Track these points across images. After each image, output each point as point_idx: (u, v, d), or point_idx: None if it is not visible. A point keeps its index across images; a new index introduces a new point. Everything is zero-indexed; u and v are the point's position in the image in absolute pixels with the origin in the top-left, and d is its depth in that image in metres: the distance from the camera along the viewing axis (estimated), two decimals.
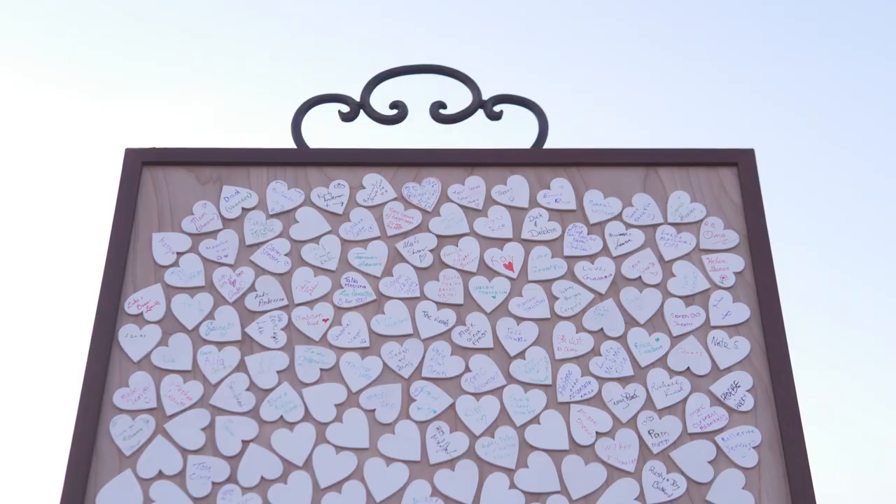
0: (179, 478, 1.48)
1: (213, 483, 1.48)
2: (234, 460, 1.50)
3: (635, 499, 1.47)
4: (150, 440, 1.51)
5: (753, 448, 1.50)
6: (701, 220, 1.70)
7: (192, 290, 1.63)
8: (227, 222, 1.70)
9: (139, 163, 1.73)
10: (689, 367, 1.57)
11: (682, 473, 1.49)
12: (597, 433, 1.52)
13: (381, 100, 1.82)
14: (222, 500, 1.47)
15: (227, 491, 1.47)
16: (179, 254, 1.66)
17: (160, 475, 1.48)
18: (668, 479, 1.48)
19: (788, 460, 1.49)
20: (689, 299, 1.63)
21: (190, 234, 1.68)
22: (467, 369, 1.57)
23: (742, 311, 1.61)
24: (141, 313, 1.61)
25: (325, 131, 1.82)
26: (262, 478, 1.48)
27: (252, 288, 1.64)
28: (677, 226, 1.70)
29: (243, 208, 1.70)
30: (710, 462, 1.50)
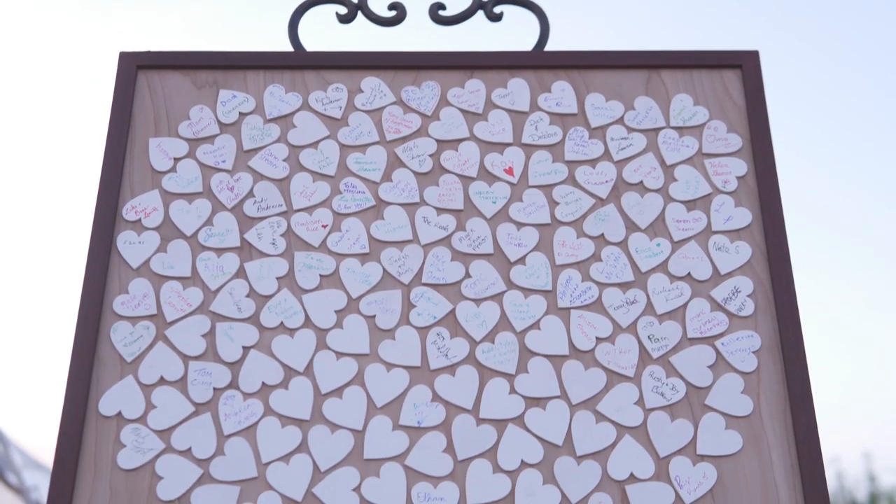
0: (181, 383, 1.49)
1: (215, 389, 1.49)
2: (234, 366, 1.50)
3: (635, 403, 1.48)
4: (150, 346, 1.52)
5: (753, 353, 1.51)
6: (704, 124, 1.68)
7: (189, 196, 1.62)
8: (224, 127, 1.67)
9: (134, 67, 1.70)
10: (689, 273, 1.57)
11: (682, 378, 1.50)
12: (597, 338, 1.52)
13: (379, 1, 1.79)
14: (224, 405, 1.47)
15: (228, 396, 1.48)
16: (177, 159, 1.65)
17: (161, 381, 1.49)
18: (667, 384, 1.49)
19: (787, 365, 1.49)
20: (690, 204, 1.62)
21: (187, 140, 1.66)
22: (467, 275, 1.57)
23: (744, 216, 1.60)
24: (139, 220, 1.60)
25: (322, 34, 1.79)
26: (263, 383, 1.49)
27: (250, 194, 1.62)
28: (680, 129, 1.68)
29: (240, 113, 1.68)
30: (709, 367, 1.50)
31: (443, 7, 1.77)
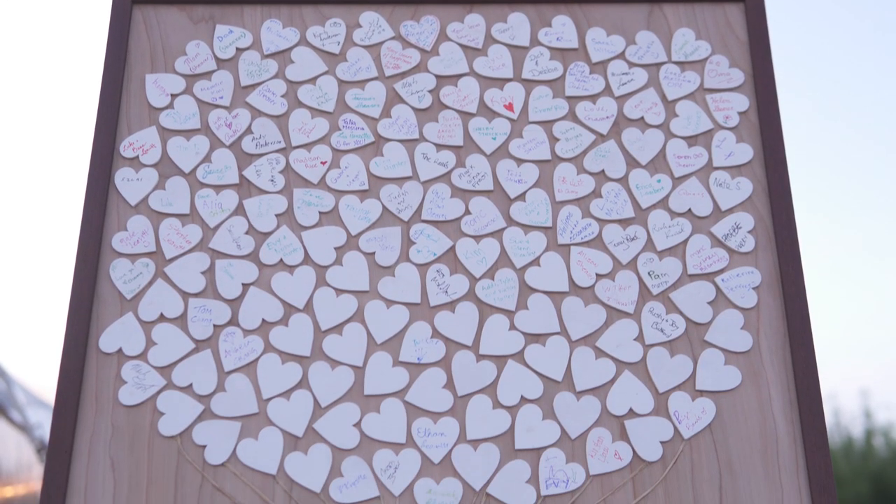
0: (181, 320, 1.49)
1: (215, 325, 1.49)
2: (234, 303, 1.50)
3: (634, 339, 1.49)
4: (150, 283, 1.51)
5: (753, 289, 1.51)
6: (706, 59, 1.66)
7: (187, 133, 1.61)
8: (221, 63, 1.66)
9: (129, 1, 1.68)
10: (690, 209, 1.56)
11: (682, 314, 1.50)
12: (597, 275, 1.52)
13: None
14: (224, 342, 1.48)
15: (228, 333, 1.48)
16: (174, 95, 1.63)
17: (161, 318, 1.49)
18: (667, 320, 1.49)
19: (787, 300, 1.49)
20: (691, 140, 1.61)
21: (184, 76, 1.65)
22: (467, 211, 1.56)
23: (745, 152, 1.59)
24: (137, 156, 1.59)
25: None
26: (263, 320, 1.49)
27: (248, 130, 1.61)
28: (681, 64, 1.66)
29: (237, 48, 1.66)
30: (709, 303, 1.50)
31: None
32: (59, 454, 1.41)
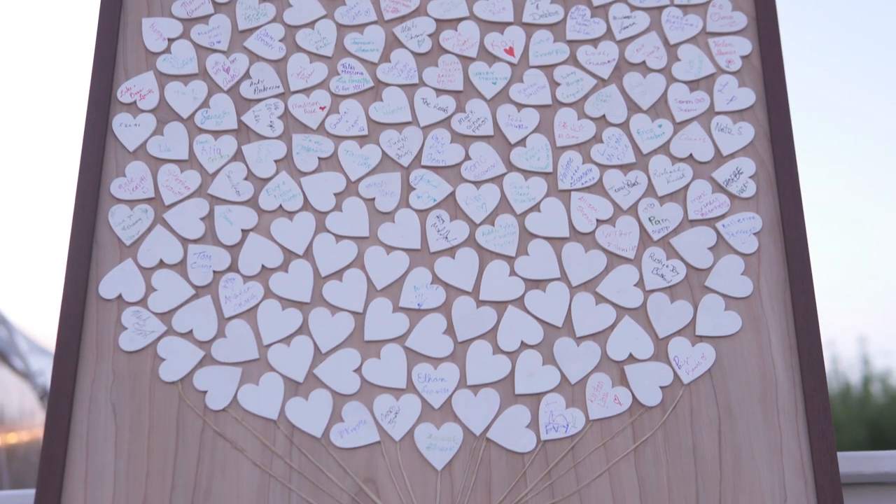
0: (180, 267, 1.49)
1: (214, 272, 1.49)
2: (234, 249, 1.50)
3: (634, 285, 1.48)
4: (149, 230, 1.51)
5: (754, 234, 1.50)
6: (708, 2, 1.64)
7: (185, 78, 1.60)
8: (218, 6, 1.64)
9: None
10: (691, 154, 1.55)
11: (682, 260, 1.49)
12: (597, 220, 1.52)
13: None
14: (224, 288, 1.48)
15: (228, 279, 1.48)
16: (171, 40, 1.62)
17: (161, 264, 1.49)
18: (667, 266, 1.49)
19: (788, 245, 1.49)
20: (693, 84, 1.60)
21: (181, 19, 1.63)
22: (467, 157, 1.55)
23: (747, 96, 1.58)
24: (134, 102, 1.58)
25: None
26: (263, 266, 1.49)
27: (247, 75, 1.60)
28: (683, 8, 1.64)
29: None
30: (709, 248, 1.50)
31: None
32: (60, 400, 1.42)
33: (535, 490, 1.39)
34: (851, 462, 1.55)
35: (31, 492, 1.54)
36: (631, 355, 1.45)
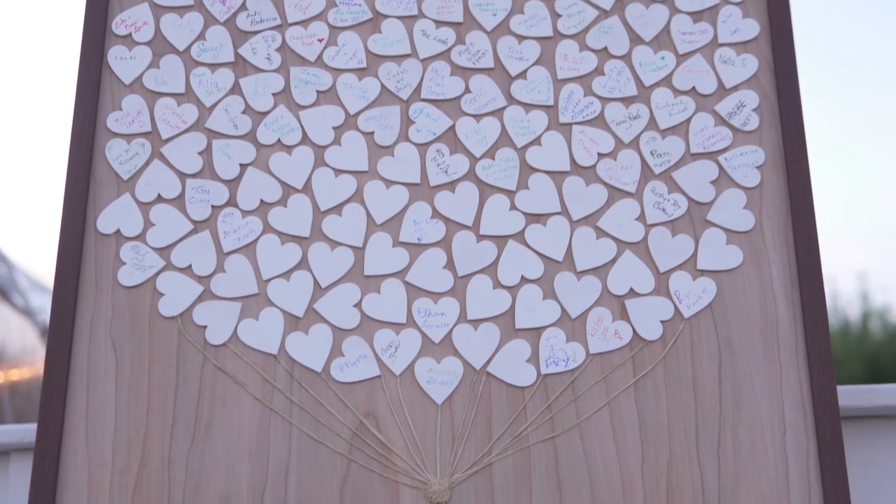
0: (178, 201, 1.48)
1: (213, 206, 1.48)
2: (232, 184, 1.49)
3: (636, 219, 1.47)
4: (146, 164, 1.50)
5: (756, 168, 1.49)
6: None
7: (180, 10, 1.57)
8: None
9: None
10: (694, 87, 1.54)
11: (684, 194, 1.48)
12: (598, 154, 1.50)
13: None
14: (222, 222, 1.47)
15: (226, 214, 1.47)
16: None
17: (159, 198, 1.48)
18: (669, 200, 1.48)
19: (790, 179, 1.48)
20: (696, 15, 1.57)
21: None
22: (467, 90, 1.53)
23: (751, 28, 1.56)
24: (129, 34, 1.56)
25: None
26: (262, 201, 1.48)
27: (243, 7, 1.57)
28: None
29: None
30: (711, 182, 1.49)
31: None
32: (60, 334, 1.42)
33: (535, 424, 1.40)
34: (850, 396, 1.55)
35: (33, 426, 1.54)
36: (632, 289, 1.45)
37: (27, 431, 1.64)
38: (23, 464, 1.68)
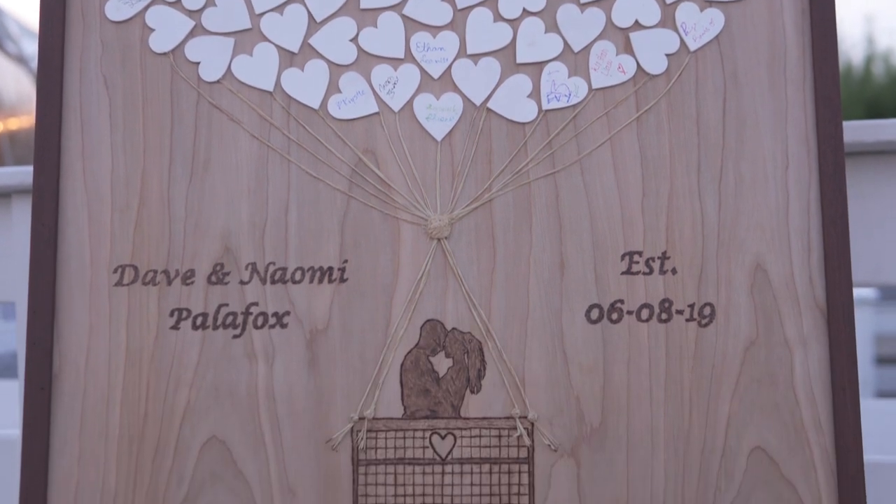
0: None
1: None
2: None
3: None
4: None
5: None
6: None
7: None
8: None
9: None
10: None
11: None
12: None
13: None
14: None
15: None
16: None
17: None
18: None
19: None
20: None
21: None
22: None
23: None
24: None
25: None
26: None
27: None
28: None
29: None
30: None
31: None
32: (50, 72, 1.39)
33: (536, 160, 1.38)
34: (854, 131, 1.53)
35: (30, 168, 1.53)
36: (637, 21, 1.40)
37: (27, 174, 1.64)
38: (24, 206, 1.69)
